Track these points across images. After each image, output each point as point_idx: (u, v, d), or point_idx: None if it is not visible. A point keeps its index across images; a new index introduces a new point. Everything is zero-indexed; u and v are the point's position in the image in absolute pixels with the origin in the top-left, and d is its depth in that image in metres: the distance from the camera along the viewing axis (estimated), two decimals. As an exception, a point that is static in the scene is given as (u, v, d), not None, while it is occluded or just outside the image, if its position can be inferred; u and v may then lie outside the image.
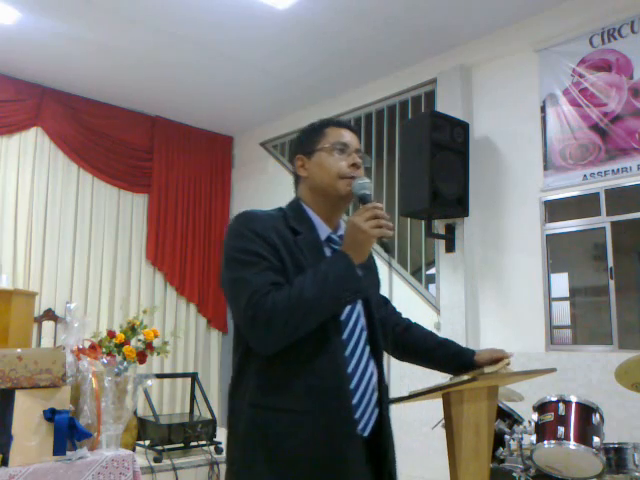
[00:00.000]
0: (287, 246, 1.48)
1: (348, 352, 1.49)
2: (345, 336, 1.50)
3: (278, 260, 1.45)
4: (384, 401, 1.55)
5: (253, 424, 1.44)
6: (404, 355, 1.84)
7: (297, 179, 1.66)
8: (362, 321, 1.56)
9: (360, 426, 1.47)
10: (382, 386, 1.56)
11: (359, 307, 1.56)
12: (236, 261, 1.46)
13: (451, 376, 1.79)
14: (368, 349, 1.55)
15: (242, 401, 1.48)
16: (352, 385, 1.47)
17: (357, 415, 1.47)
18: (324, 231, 1.58)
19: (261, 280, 1.40)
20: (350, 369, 1.48)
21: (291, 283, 1.42)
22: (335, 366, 1.45)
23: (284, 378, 1.44)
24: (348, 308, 1.52)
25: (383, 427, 1.53)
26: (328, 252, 1.56)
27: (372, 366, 1.55)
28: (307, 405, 1.41)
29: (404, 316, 1.92)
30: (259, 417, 1.44)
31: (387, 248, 1.48)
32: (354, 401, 1.46)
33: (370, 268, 1.66)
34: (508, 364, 1.75)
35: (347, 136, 1.61)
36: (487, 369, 1.70)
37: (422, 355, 1.82)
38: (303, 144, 1.64)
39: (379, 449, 1.52)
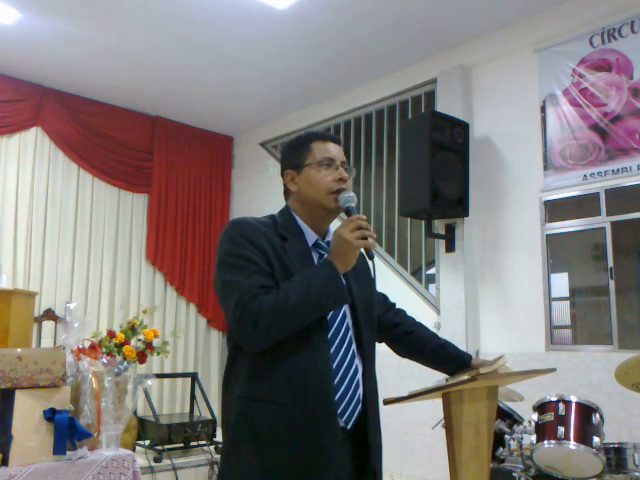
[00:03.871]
0: (276, 252, 1.57)
1: (333, 349, 1.56)
2: (330, 334, 1.56)
3: (267, 265, 1.54)
4: (369, 397, 1.61)
5: (241, 415, 1.52)
6: (406, 353, 1.92)
7: (287, 191, 1.74)
8: (348, 321, 1.62)
9: (343, 419, 1.53)
10: (367, 382, 1.62)
11: (345, 307, 1.62)
12: (228, 264, 1.55)
13: (448, 376, 1.82)
14: (354, 347, 1.61)
15: (232, 394, 1.57)
16: (336, 380, 1.53)
17: (340, 409, 1.53)
18: (311, 238, 1.67)
19: (250, 283, 1.49)
20: (334, 365, 1.54)
21: (279, 287, 1.50)
22: (316, 362, 1.51)
23: (268, 371, 1.51)
24: None
25: (368, 422, 1.58)
26: (316, 257, 1.65)
27: (357, 363, 1.60)
28: (288, 397, 1.48)
29: (407, 314, 1.96)
30: (246, 408, 1.52)
31: (370, 255, 1.57)
32: (337, 395, 1.53)
33: (360, 272, 1.72)
34: (504, 363, 1.78)
35: (333, 150, 1.68)
36: (483, 369, 1.72)
37: (424, 355, 1.90)
38: (292, 159, 1.71)
39: (364, 443, 1.58)
